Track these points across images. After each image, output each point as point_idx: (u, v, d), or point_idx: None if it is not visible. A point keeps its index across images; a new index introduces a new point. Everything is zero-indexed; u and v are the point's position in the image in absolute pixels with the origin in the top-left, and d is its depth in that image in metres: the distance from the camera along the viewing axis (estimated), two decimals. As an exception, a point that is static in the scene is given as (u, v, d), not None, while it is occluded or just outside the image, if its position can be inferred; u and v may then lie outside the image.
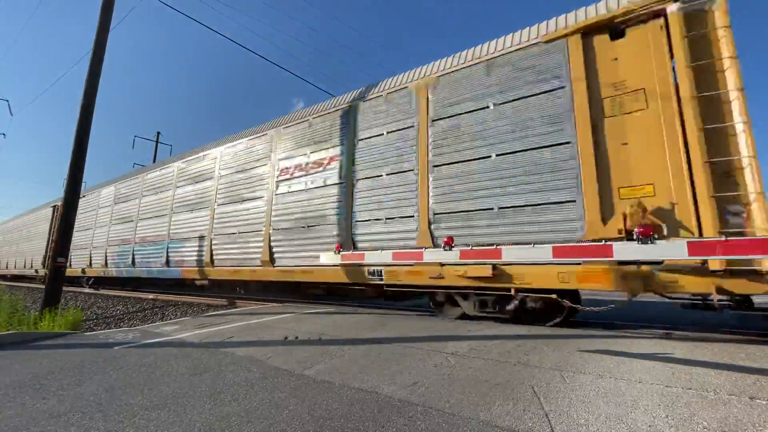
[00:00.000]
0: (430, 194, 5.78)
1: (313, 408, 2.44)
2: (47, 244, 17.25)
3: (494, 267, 4.70)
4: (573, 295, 4.77)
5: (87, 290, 14.10)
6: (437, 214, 5.70)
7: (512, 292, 4.68)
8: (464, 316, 5.50)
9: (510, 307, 4.91)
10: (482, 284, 4.92)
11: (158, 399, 2.70)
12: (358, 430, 2.12)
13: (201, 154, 10.16)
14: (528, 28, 5.58)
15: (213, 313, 7.36)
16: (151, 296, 11.12)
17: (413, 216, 5.91)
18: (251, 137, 8.90)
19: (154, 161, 25.07)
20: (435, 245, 5.47)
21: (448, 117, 5.91)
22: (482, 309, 5.23)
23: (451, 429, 2.09)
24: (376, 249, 5.92)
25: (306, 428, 2.17)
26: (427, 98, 6.20)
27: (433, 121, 6.05)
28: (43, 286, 7.27)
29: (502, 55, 5.50)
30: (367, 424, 2.18)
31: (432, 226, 5.70)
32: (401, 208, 6.11)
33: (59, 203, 17.30)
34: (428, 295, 6.02)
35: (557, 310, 4.76)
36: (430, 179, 5.83)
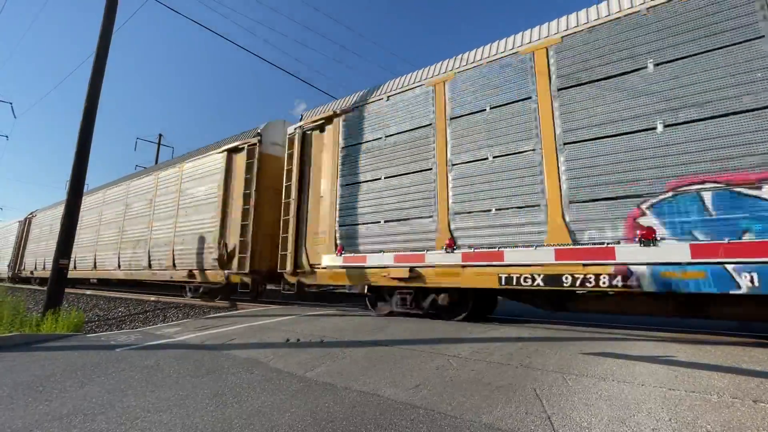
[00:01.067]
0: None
1: (314, 410, 2.44)
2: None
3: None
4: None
5: (89, 292, 14.14)
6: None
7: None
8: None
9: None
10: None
11: (160, 401, 2.70)
12: (360, 433, 2.11)
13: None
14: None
15: (214, 315, 7.36)
16: (152, 298, 11.12)
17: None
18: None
19: (156, 163, 25.12)
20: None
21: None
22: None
23: (454, 432, 2.09)
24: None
25: (308, 431, 2.17)
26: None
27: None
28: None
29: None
30: (369, 427, 2.18)
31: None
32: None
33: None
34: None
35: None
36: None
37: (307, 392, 2.78)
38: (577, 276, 3.97)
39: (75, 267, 14.27)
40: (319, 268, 6.98)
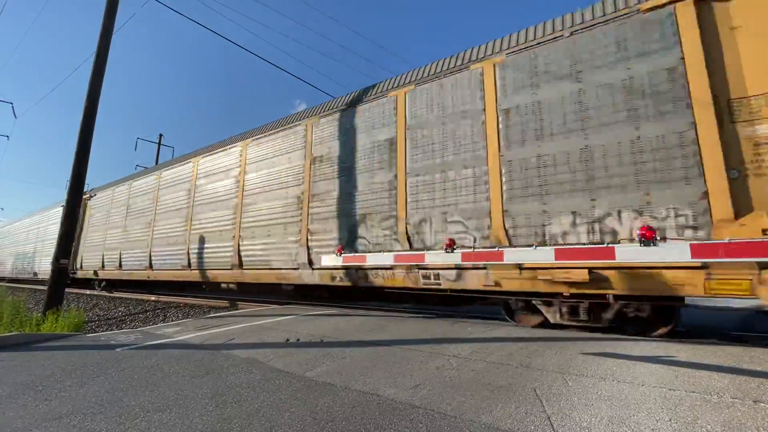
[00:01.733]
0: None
1: (314, 410, 2.44)
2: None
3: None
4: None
5: (89, 292, 14.15)
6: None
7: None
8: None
9: None
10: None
11: (160, 401, 2.70)
12: (360, 433, 2.11)
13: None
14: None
15: (214, 314, 7.37)
16: (152, 298, 11.13)
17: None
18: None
19: (156, 163, 25.12)
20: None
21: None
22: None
23: (453, 432, 2.08)
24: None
25: (308, 431, 2.16)
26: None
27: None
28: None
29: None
30: (369, 427, 2.18)
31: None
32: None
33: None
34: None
35: None
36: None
37: (307, 392, 2.78)
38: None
39: (151, 266, 10.92)
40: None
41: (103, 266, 13.08)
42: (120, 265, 12.26)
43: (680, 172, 4.07)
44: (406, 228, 6.10)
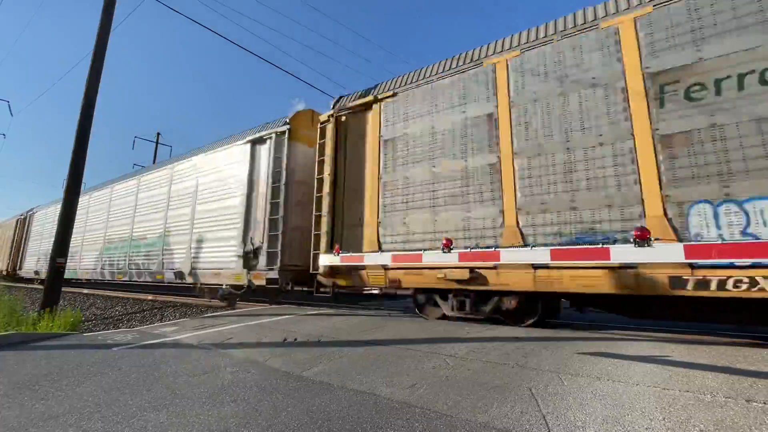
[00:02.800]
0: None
1: (311, 410, 2.45)
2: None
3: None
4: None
5: (86, 291, 14.13)
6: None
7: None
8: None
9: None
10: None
11: (156, 400, 2.71)
12: (356, 432, 2.12)
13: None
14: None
15: (212, 314, 7.36)
16: (149, 297, 11.11)
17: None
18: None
19: (154, 162, 25.05)
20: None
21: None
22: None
23: (449, 431, 2.10)
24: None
25: (304, 430, 2.17)
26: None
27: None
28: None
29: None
30: (365, 426, 2.19)
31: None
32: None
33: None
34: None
35: None
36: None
37: (304, 391, 2.79)
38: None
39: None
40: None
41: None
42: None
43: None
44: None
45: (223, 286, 8.64)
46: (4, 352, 4.26)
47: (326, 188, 7.23)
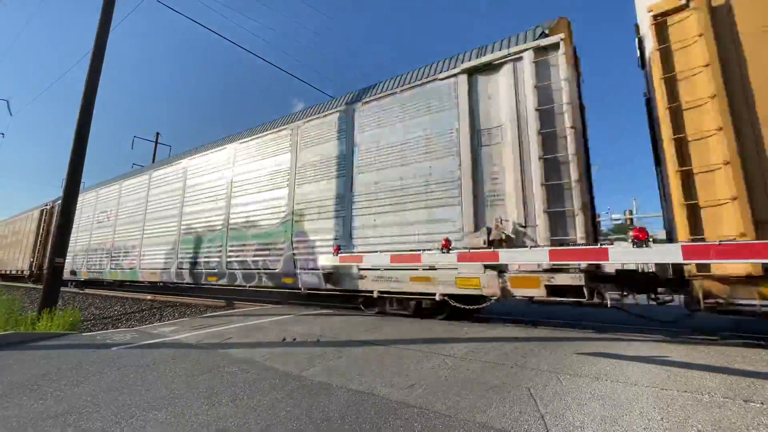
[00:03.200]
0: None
1: (310, 410, 2.45)
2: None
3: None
4: None
5: (86, 290, 14.09)
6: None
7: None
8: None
9: None
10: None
11: (156, 400, 2.71)
12: (355, 432, 2.12)
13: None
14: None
15: (211, 314, 7.35)
16: (149, 297, 11.10)
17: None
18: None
19: (153, 162, 24.97)
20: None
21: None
22: None
23: (448, 431, 2.10)
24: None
25: (303, 430, 2.17)
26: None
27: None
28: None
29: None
30: (364, 426, 2.19)
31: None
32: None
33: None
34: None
35: None
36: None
37: (303, 391, 2.79)
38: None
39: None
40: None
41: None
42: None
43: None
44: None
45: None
46: (3, 352, 4.26)
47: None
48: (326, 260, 6.62)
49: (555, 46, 5.44)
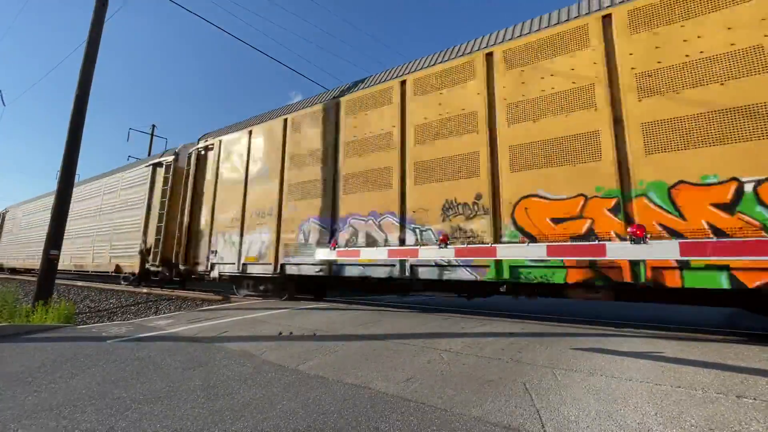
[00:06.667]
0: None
1: (306, 403, 2.45)
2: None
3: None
4: None
5: (80, 283, 14.03)
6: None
7: None
8: None
9: None
10: None
11: (151, 393, 2.70)
12: (351, 426, 2.13)
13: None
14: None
15: (207, 307, 7.34)
16: (144, 290, 11.06)
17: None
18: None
19: (149, 154, 24.80)
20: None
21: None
22: None
23: (444, 425, 2.11)
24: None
25: (299, 423, 2.18)
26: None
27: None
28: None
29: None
30: (360, 420, 2.19)
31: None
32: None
33: None
34: None
35: None
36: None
37: (299, 385, 2.79)
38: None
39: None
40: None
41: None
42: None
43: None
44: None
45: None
46: (-3, 344, 4.23)
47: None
48: (324, 254, 6.61)
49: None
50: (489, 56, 5.72)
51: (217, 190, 9.47)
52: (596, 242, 2.88)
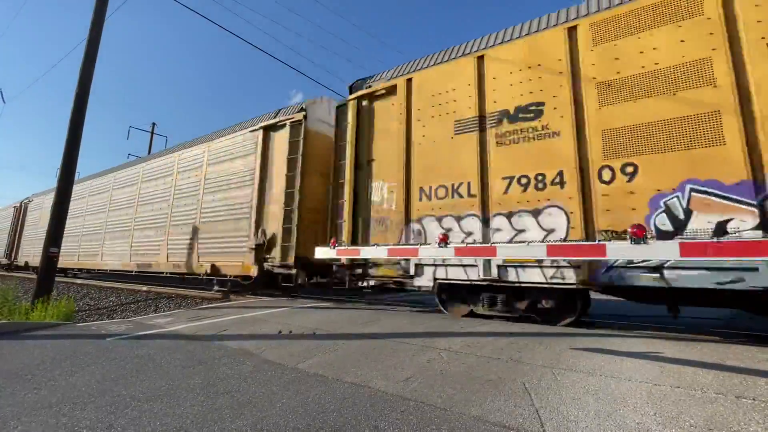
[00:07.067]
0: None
1: (305, 402, 2.45)
2: None
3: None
4: None
5: (79, 281, 14.03)
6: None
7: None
8: None
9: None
10: None
11: (151, 391, 2.70)
12: (351, 424, 2.13)
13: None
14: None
15: (207, 305, 7.34)
16: (144, 288, 11.06)
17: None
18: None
19: (149, 152, 24.79)
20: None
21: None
22: None
23: (443, 424, 2.11)
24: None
25: (298, 421, 2.18)
26: None
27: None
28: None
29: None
30: (360, 418, 2.19)
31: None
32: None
33: None
34: None
35: None
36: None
37: (299, 383, 2.79)
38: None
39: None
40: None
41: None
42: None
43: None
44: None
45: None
46: (-3, 341, 4.24)
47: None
48: (323, 253, 6.61)
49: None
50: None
51: (412, 151, 6.28)
52: (596, 242, 2.88)
